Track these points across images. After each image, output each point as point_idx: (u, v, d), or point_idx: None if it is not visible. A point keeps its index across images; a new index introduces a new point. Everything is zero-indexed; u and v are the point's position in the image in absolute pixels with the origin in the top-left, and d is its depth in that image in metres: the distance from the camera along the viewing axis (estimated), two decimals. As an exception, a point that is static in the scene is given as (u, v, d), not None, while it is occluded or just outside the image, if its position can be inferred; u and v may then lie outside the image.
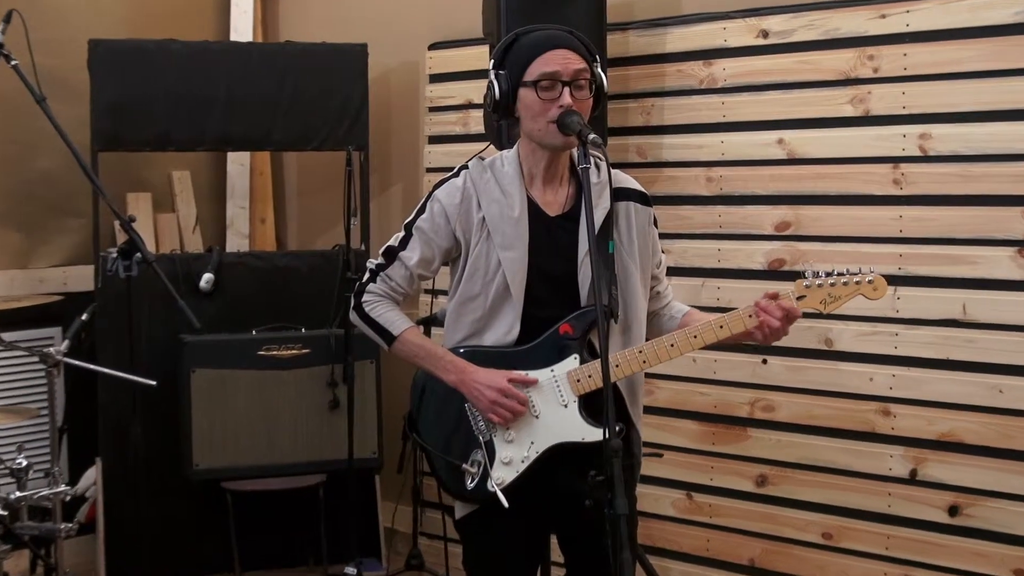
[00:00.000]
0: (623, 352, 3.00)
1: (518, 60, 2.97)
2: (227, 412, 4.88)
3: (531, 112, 2.96)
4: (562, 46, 2.95)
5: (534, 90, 2.93)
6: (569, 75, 2.93)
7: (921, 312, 4.11)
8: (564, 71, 2.93)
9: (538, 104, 2.94)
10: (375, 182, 5.61)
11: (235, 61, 5.24)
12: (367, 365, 5.02)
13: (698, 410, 4.66)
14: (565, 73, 2.93)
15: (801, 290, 2.98)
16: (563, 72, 2.92)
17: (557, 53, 2.94)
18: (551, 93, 2.93)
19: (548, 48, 2.94)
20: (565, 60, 2.94)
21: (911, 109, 4.10)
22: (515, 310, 3.02)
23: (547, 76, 2.92)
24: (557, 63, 2.93)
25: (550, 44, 2.95)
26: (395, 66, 5.65)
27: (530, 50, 2.96)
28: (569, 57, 2.94)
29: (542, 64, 2.94)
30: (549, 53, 2.94)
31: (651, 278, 3.20)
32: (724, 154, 4.54)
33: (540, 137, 2.99)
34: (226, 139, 5.30)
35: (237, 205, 5.94)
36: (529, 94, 2.95)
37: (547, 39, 2.96)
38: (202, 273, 5.09)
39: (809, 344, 4.34)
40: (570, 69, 2.93)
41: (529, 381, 3.01)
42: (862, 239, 4.22)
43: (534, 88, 2.93)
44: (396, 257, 3.13)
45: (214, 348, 4.89)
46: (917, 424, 4.14)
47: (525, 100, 2.96)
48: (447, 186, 3.09)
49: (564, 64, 2.93)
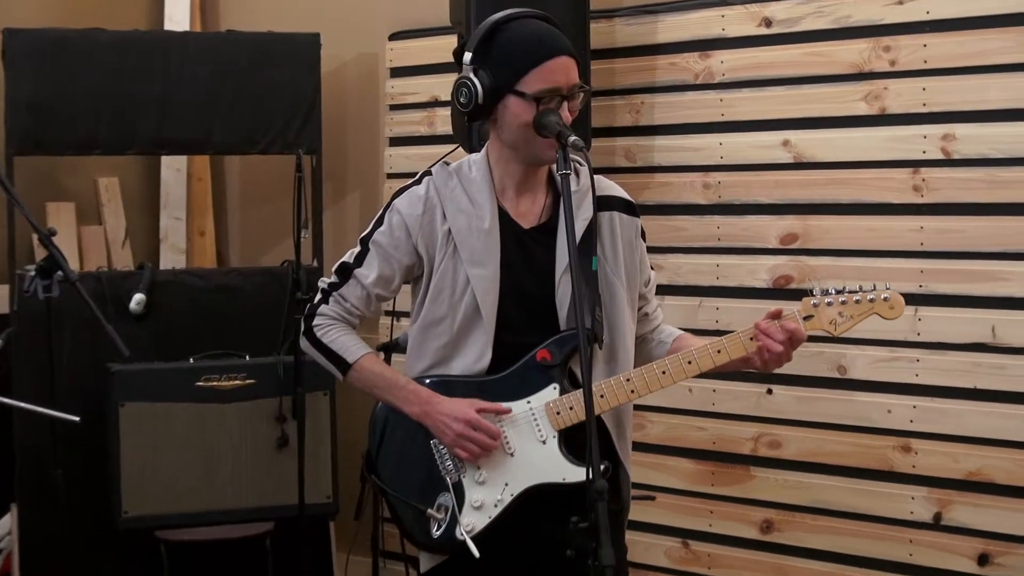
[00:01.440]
0: (608, 381, 2.99)
1: (509, 62, 2.94)
2: (161, 451, 4.85)
3: (519, 123, 2.94)
4: (561, 52, 2.94)
5: (533, 104, 2.92)
6: (569, 88, 2.94)
7: (945, 335, 4.12)
8: (566, 85, 2.93)
9: (529, 115, 2.92)
10: (329, 190, 5.60)
11: (170, 53, 5.22)
12: (320, 397, 5.00)
13: (695, 447, 4.66)
14: (566, 87, 2.93)
15: (808, 309, 2.98)
16: (564, 86, 2.93)
17: (559, 63, 2.92)
18: (546, 104, 2.92)
19: (548, 56, 2.92)
20: (567, 72, 2.93)
21: (932, 107, 4.13)
22: (486, 334, 3.01)
23: (549, 92, 2.92)
24: (560, 76, 2.92)
25: (549, 51, 2.92)
26: (351, 59, 5.65)
27: (525, 54, 2.93)
28: (569, 67, 2.94)
29: (544, 76, 2.91)
30: (551, 63, 2.91)
31: (639, 297, 3.20)
32: (723, 157, 4.55)
33: (525, 148, 2.98)
34: (160, 142, 5.29)
35: (172, 216, 5.92)
36: (522, 105, 2.92)
37: (544, 45, 2.93)
38: (132, 293, 5.07)
39: (820, 372, 4.36)
40: (571, 81, 2.94)
41: (501, 411, 3.00)
42: (878, 253, 4.24)
43: (535, 103, 2.92)
44: (351, 275, 3.11)
45: (146, 379, 4.86)
46: (942, 462, 4.15)
47: (514, 109, 2.94)
48: (408, 195, 3.09)
49: (566, 77, 2.93)
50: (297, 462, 4.87)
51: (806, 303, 2.99)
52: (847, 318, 2.98)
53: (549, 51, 2.93)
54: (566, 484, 2.97)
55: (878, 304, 2.97)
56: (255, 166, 5.91)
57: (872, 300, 2.97)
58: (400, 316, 5.11)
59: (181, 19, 5.90)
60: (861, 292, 2.97)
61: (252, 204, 6.01)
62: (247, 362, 5.00)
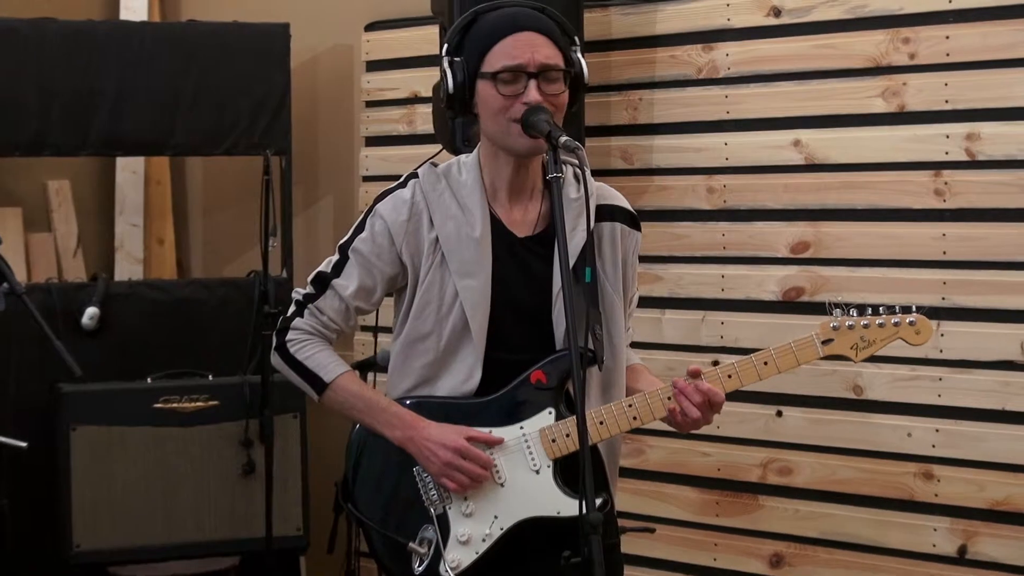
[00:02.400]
0: (609, 407, 2.99)
1: (476, 45, 2.96)
2: (116, 480, 4.83)
3: (490, 110, 2.95)
4: (528, 28, 2.94)
5: (493, 84, 2.92)
6: (536, 66, 2.92)
7: (970, 352, 4.13)
8: (530, 61, 2.91)
9: (497, 100, 2.93)
10: (299, 194, 5.59)
11: (126, 45, 5.22)
12: (290, 420, 4.99)
13: (698, 474, 4.66)
14: (531, 64, 2.92)
15: (828, 332, 2.98)
16: (529, 63, 2.92)
17: (521, 38, 2.92)
18: (513, 87, 2.91)
19: (510, 31, 2.93)
20: (531, 47, 2.92)
21: (956, 104, 4.13)
22: (475, 352, 2.99)
23: (509, 69, 2.91)
24: (521, 51, 2.91)
25: (513, 26, 2.94)
26: (324, 51, 5.65)
27: (489, 34, 2.95)
28: (536, 42, 2.93)
29: (503, 52, 2.92)
30: (511, 38, 2.92)
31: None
32: (728, 159, 4.55)
33: (501, 140, 2.98)
34: (115, 142, 5.28)
35: (129, 223, 5.90)
36: (487, 88, 2.94)
37: (510, 20, 2.95)
38: (85, 307, 5.07)
39: (834, 392, 4.36)
40: (537, 58, 2.92)
41: (493, 440, 2.98)
42: (896, 263, 4.24)
43: (493, 81, 2.92)
44: (328, 286, 3.10)
45: (99, 400, 4.84)
46: (966, 490, 4.15)
47: (483, 95, 2.95)
48: (392, 199, 3.07)
49: (530, 52, 2.92)
50: (265, 491, 4.85)
51: (825, 326, 2.97)
52: (869, 343, 2.97)
53: (512, 27, 2.93)
54: (561, 518, 2.95)
55: (903, 328, 2.96)
56: (219, 168, 5.90)
57: (897, 324, 2.96)
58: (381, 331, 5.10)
59: (139, 8, 5.88)
60: (886, 315, 2.96)
61: (215, 209, 6.00)
62: (210, 382, 4.99)
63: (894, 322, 2.96)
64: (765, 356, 2.96)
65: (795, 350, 2.95)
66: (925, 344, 2.98)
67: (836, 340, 2.97)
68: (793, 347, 2.95)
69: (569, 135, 2.80)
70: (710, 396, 2.94)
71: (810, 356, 2.96)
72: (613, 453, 3.15)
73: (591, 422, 2.92)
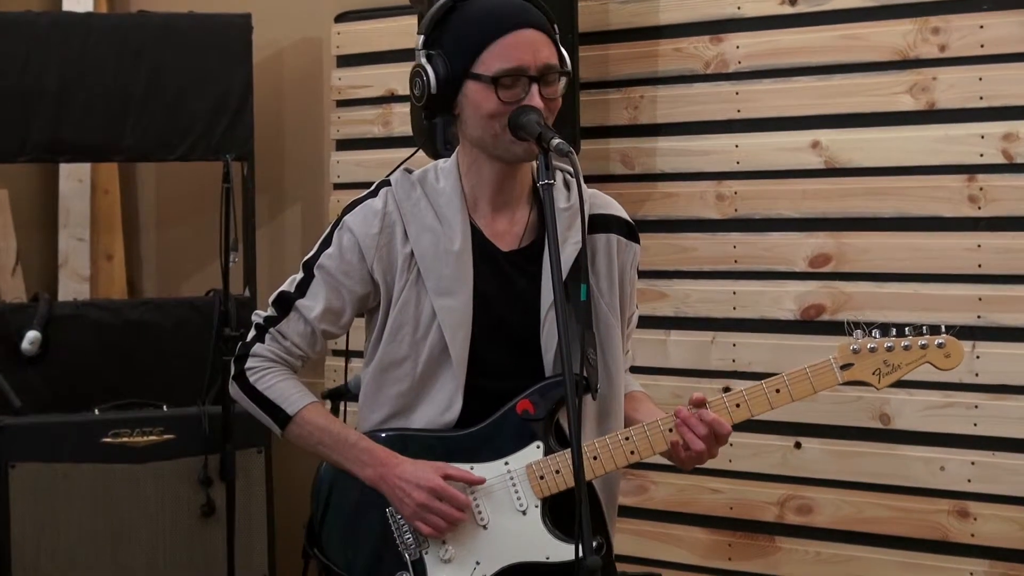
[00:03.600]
0: (604, 440, 2.99)
1: (464, 39, 2.95)
2: (60, 522, 4.83)
3: (481, 113, 2.94)
4: (527, 24, 2.94)
5: (492, 88, 2.91)
6: (538, 68, 2.92)
7: (1008, 376, 4.13)
8: (532, 63, 2.92)
9: (495, 106, 2.92)
10: (263, 203, 5.60)
11: (69, 39, 5.23)
12: (254, 455, 5.00)
13: (709, 513, 4.66)
14: (533, 66, 2.92)
15: (847, 356, 2.98)
16: (531, 65, 2.91)
17: (523, 36, 2.92)
18: (514, 92, 2.91)
19: (509, 28, 2.92)
20: (533, 47, 2.92)
21: (991, 100, 4.14)
22: (455, 379, 3.00)
23: (510, 72, 2.91)
24: (523, 52, 2.91)
25: (511, 22, 2.92)
26: (289, 44, 5.66)
27: (482, 28, 2.94)
28: (536, 42, 2.93)
29: (503, 52, 2.91)
30: (511, 36, 2.91)
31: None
32: (739, 163, 4.56)
33: (490, 145, 2.98)
34: (57, 146, 5.29)
35: (73, 236, 5.91)
36: (481, 91, 2.93)
37: (504, 13, 2.94)
38: (25, 331, 5.07)
39: (859, 421, 4.36)
40: (540, 60, 2.93)
41: (473, 480, 2.99)
42: (927, 277, 4.25)
43: (492, 85, 2.91)
44: (292, 307, 3.10)
45: (40, 434, 4.83)
46: (1005, 529, 4.16)
47: (473, 97, 2.95)
48: (361, 209, 3.08)
49: (533, 53, 2.91)
50: (226, 534, 4.85)
51: (844, 349, 2.98)
52: (893, 368, 2.97)
53: (511, 23, 2.92)
54: (550, 564, 2.96)
55: (931, 351, 2.96)
56: (174, 175, 5.91)
57: (924, 347, 2.96)
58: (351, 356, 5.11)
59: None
60: (912, 336, 2.95)
61: (170, 222, 6.01)
62: (165, 413, 4.99)
63: (921, 344, 2.95)
64: (777, 383, 2.97)
65: (811, 376, 2.95)
66: (957, 368, 2.98)
67: (856, 365, 2.97)
68: (809, 373, 2.95)
69: (563, 137, 2.79)
70: (715, 427, 2.94)
71: (828, 383, 2.96)
72: (611, 491, 3.15)
73: (584, 457, 2.92)
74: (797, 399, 2.95)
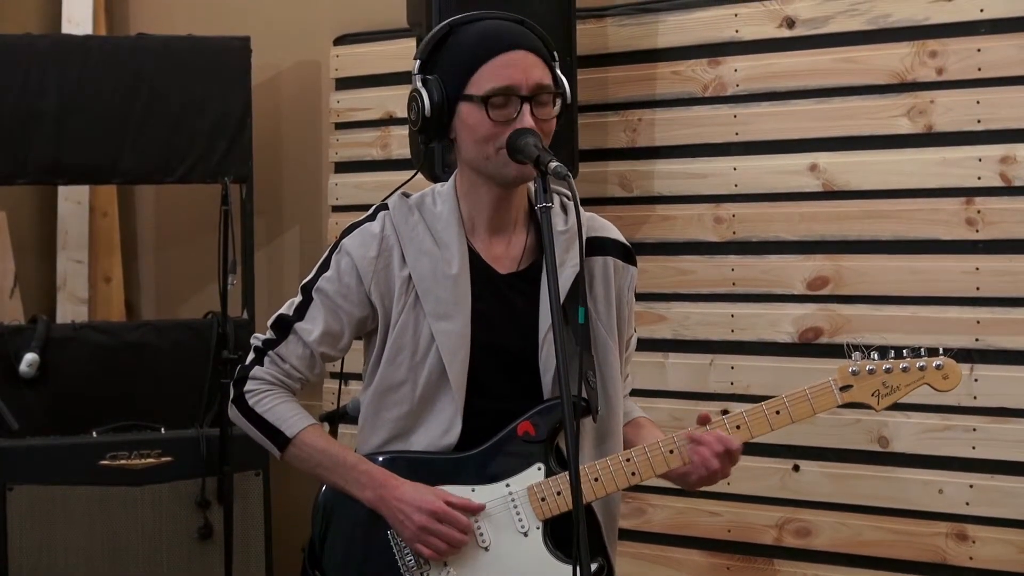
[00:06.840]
0: (605, 461, 3.00)
1: (458, 62, 2.97)
2: (57, 544, 4.82)
3: (475, 135, 2.96)
4: (519, 46, 2.95)
5: (483, 108, 2.92)
6: (530, 88, 2.93)
7: (1007, 399, 4.13)
8: (523, 83, 2.93)
9: (487, 126, 2.93)
10: (262, 226, 5.60)
11: (69, 61, 5.23)
12: (252, 477, 4.99)
13: (707, 536, 4.66)
14: (525, 86, 2.93)
15: (846, 378, 2.99)
16: (522, 84, 2.93)
17: (514, 57, 2.94)
18: (505, 112, 2.92)
19: (500, 49, 2.94)
20: (524, 67, 2.94)
21: (989, 123, 4.15)
22: (454, 402, 3.00)
23: (500, 91, 2.92)
24: (514, 72, 2.93)
25: (503, 44, 2.95)
26: (289, 67, 5.66)
27: (474, 51, 2.96)
28: (528, 62, 2.94)
29: (494, 72, 2.93)
30: (503, 57, 2.93)
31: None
32: (738, 185, 4.57)
33: (486, 167, 2.99)
34: (56, 168, 5.29)
35: (72, 259, 5.91)
36: (473, 112, 2.94)
37: (497, 35, 2.96)
38: (23, 353, 5.06)
39: (857, 443, 4.36)
40: (532, 80, 2.94)
41: (474, 508, 2.99)
42: (925, 300, 4.25)
43: (483, 105, 2.92)
44: (291, 330, 3.11)
45: (38, 457, 4.83)
46: (1004, 552, 4.15)
47: (467, 119, 2.96)
48: (359, 233, 3.09)
49: (524, 73, 2.93)
50: (224, 557, 4.84)
51: (843, 371, 2.99)
52: (892, 390, 2.98)
53: (504, 45, 2.94)
54: (552, 585, 2.97)
55: (929, 373, 2.97)
56: (172, 198, 5.91)
57: (923, 368, 2.97)
58: (349, 379, 5.11)
59: (82, 21, 5.90)
60: (910, 359, 2.97)
61: (168, 244, 6.01)
62: (163, 436, 4.98)
63: (919, 366, 2.97)
64: (777, 404, 2.98)
65: (810, 398, 2.96)
66: (955, 390, 2.98)
67: (856, 387, 2.98)
68: (808, 394, 2.96)
69: (561, 160, 2.80)
70: (727, 444, 2.96)
71: (827, 404, 2.97)
72: (611, 513, 3.15)
73: (585, 479, 2.92)
74: (797, 420, 2.96)
